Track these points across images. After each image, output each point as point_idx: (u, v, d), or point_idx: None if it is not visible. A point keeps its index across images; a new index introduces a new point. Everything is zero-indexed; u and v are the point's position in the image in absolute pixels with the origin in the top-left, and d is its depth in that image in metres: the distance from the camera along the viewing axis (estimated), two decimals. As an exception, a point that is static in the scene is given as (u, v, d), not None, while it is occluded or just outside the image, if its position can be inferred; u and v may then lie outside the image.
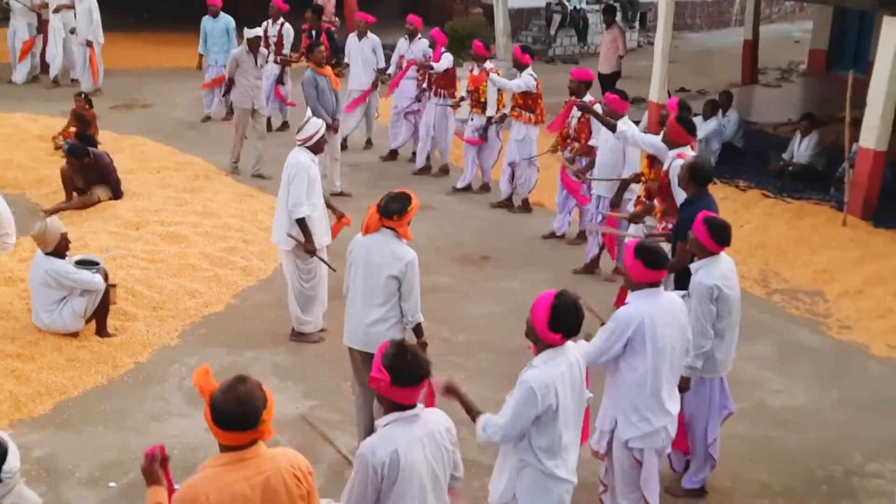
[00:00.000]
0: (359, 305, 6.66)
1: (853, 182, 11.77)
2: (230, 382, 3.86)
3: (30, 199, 11.93)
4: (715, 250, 6.35)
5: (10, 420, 7.20)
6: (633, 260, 5.61)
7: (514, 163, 12.19)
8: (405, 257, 6.52)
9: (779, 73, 21.15)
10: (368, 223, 6.56)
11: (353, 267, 6.68)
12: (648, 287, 5.65)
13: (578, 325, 4.94)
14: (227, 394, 3.80)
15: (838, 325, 9.56)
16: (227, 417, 3.78)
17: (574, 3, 22.70)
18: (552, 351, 4.94)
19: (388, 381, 4.25)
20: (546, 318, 4.87)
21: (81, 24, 16.98)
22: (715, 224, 6.34)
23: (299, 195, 8.19)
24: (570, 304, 4.91)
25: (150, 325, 8.76)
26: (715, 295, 6.27)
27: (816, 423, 7.83)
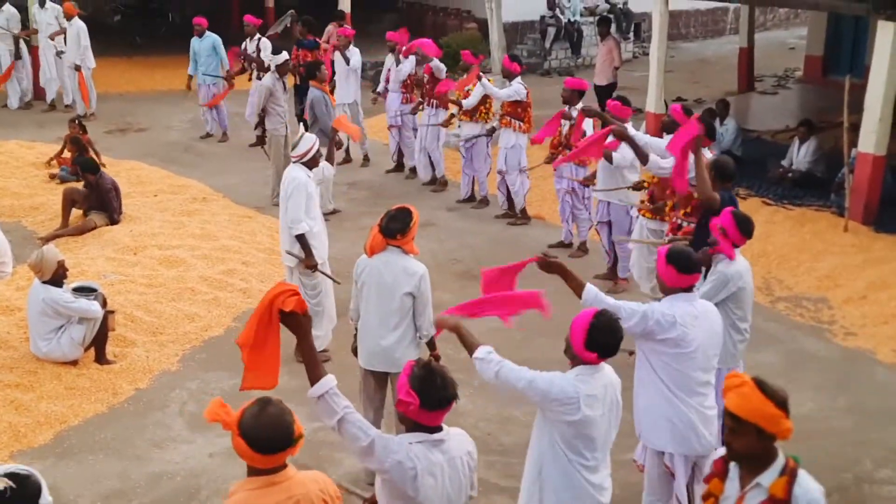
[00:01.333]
0: (375, 327, 6.65)
1: (853, 187, 11.72)
2: (258, 407, 3.85)
3: (26, 227, 11.88)
4: (740, 242, 6.47)
5: (10, 451, 7.12)
6: (666, 266, 5.67)
7: (504, 171, 12.19)
8: (417, 271, 6.57)
9: (775, 81, 21.11)
10: (373, 244, 6.54)
11: (364, 289, 6.66)
12: (682, 292, 5.69)
13: (616, 346, 4.91)
14: (260, 418, 3.81)
15: (843, 331, 9.49)
16: (266, 442, 3.79)
17: (568, 16, 22.69)
18: (587, 368, 4.90)
19: (418, 405, 4.18)
20: (583, 338, 4.84)
21: (70, 48, 16.97)
22: (740, 216, 6.49)
23: (297, 211, 8.18)
24: (608, 324, 4.88)
25: (149, 351, 8.69)
26: (731, 286, 6.39)
27: (825, 431, 7.75)
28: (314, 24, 15.38)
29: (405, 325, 6.63)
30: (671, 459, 5.81)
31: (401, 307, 6.56)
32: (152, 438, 7.43)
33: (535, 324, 9.34)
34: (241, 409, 3.87)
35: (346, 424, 4.23)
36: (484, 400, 7.94)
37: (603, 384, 4.91)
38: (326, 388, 4.26)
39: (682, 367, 5.60)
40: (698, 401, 5.71)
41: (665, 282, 5.74)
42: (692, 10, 26.88)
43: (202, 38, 15.91)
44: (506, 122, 12.04)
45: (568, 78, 11.47)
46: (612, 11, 23.14)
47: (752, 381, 4.08)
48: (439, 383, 4.19)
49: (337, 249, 11.04)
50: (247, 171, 14.44)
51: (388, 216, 6.52)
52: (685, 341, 5.55)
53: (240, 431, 3.80)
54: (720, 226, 6.47)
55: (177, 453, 7.26)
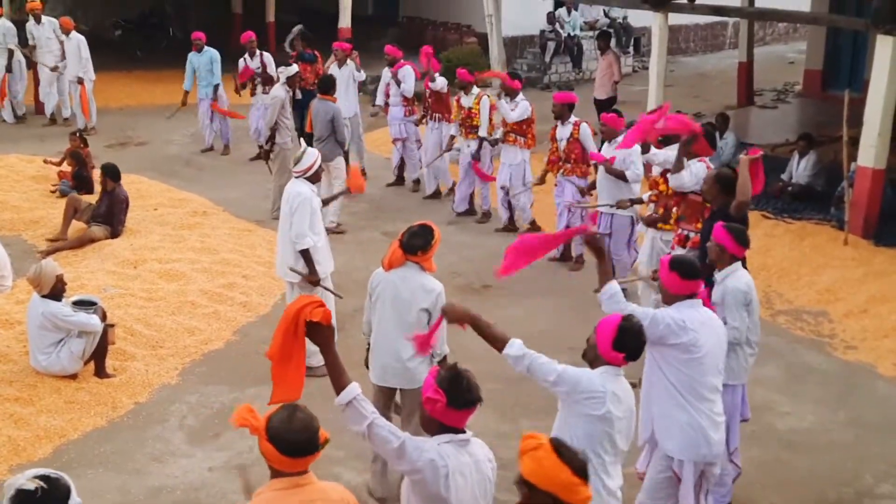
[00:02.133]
0: (389, 343, 6.62)
1: (853, 201, 11.72)
2: (288, 412, 3.99)
3: (26, 241, 11.86)
4: (739, 253, 6.52)
5: (9, 465, 7.10)
6: (669, 273, 5.71)
7: (507, 186, 12.21)
8: (435, 289, 6.58)
9: (774, 95, 21.16)
10: (392, 259, 6.53)
11: (378, 303, 6.64)
12: (687, 299, 5.72)
13: (640, 350, 5.05)
14: (291, 423, 3.95)
15: (844, 345, 9.49)
16: (297, 445, 3.93)
17: (568, 30, 22.75)
18: (611, 368, 4.97)
19: (444, 403, 4.22)
20: (611, 338, 4.93)
21: (71, 62, 17.00)
22: (734, 228, 6.52)
23: (303, 226, 8.18)
24: (636, 328, 5.01)
25: (149, 365, 8.67)
26: (748, 300, 6.43)
27: (826, 444, 7.75)
28: (312, 37, 15.38)
29: None
30: (680, 466, 5.83)
31: (416, 323, 6.53)
32: (152, 452, 7.41)
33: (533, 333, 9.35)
34: (267, 414, 4.00)
35: (375, 428, 4.28)
36: (483, 414, 7.89)
37: (624, 388, 5.00)
38: (354, 395, 4.34)
39: (692, 373, 5.66)
40: (708, 406, 5.75)
41: (669, 289, 5.78)
42: (692, 25, 26.95)
43: (201, 52, 15.93)
44: (511, 140, 12.04)
45: (556, 93, 11.54)
46: (612, 26, 23.19)
47: (548, 444, 3.88)
48: (465, 385, 4.26)
49: (337, 263, 11.01)
50: (247, 185, 14.46)
51: (410, 232, 6.52)
52: (696, 346, 5.60)
53: (268, 436, 3.93)
54: (716, 243, 6.48)
55: (176, 467, 7.24)
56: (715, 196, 7.66)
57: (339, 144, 12.47)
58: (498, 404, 8.03)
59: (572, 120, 10.98)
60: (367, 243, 12.05)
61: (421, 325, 6.55)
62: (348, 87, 14.38)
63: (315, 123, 12.40)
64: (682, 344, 5.59)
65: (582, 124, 11.01)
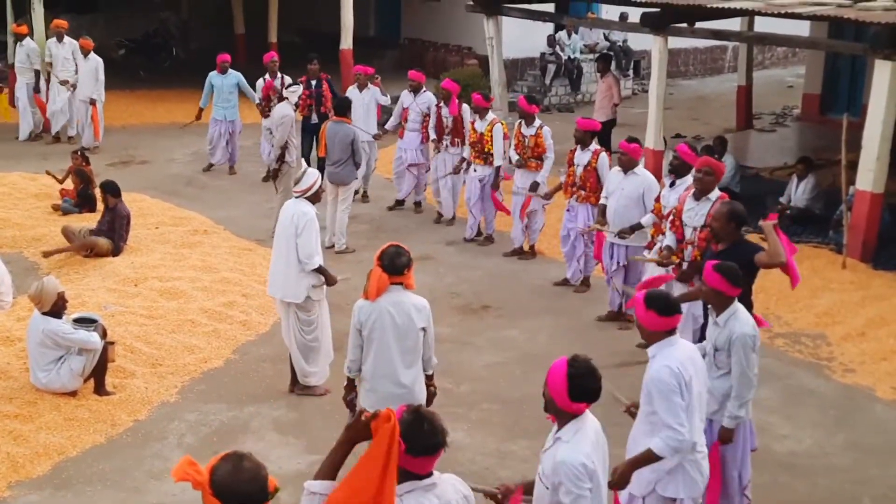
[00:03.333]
0: (393, 371, 6.53)
1: (851, 225, 11.77)
2: (233, 463, 3.66)
3: (27, 258, 11.90)
4: (733, 293, 6.30)
5: (7, 481, 7.11)
6: (646, 311, 5.50)
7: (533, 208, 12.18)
8: (425, 305, 6.55)
9: (773, 118, 21.26)
10: (379, 287, 6.37)
11: (374, 335, 6.48)
12: (665, 336, 5.55)
13: (598, 389, 4.72)
14: (238, 474, 3.63)
15: (842, 368, 9.49)
16: (245, 498, 3.62)
17: (568, 53, 22.87)
18: (578, 421, 4.73)
19: (403, 450, 3.97)
20: (565, 390, 4.65)
21: (86, 82, 17.10)
22: (726, 268, 6.30)
23: (310, 246, 8.19)
24: (586, 368, 4.69)
25: (148, 382, 8.69)
26: (755, 342, 6.26)
27: (824, 468, 7.75)
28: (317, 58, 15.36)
29: (419, 361, 6.60)
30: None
31: (416, 344, 6.51)
32: (150, 470, 7.42)
33: (531, 354, 9.39)
34: (209, 466, 3.67)
35: None
36: (482, 434, 7.94)
37: (594, 430, 4.79)
38: (324, 492, 4.08)
39: (690, 414, 5.49)
40: (700, 443, 5.69)
41: (647, 327, 5.56)
42: (691, 49, 27.09)
43: (225, 74, 15.96)
44: (532, 166, 11.86)
45: (580, 118, 11.37)
46: (612, 49, 23.32)
47: None
48: (427, 429, 4.01)
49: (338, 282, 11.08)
50: (248, 204, 14.51)
51: (391, 254, 6.38)
52: (689, 388, 5.46)
53: (213, 491, 3.60)
54: (711, 289, 6.30)
55: (174, 486, 7.22)
56: (729, 234, 7.47)
57: (356, 166, 12.53)
58: (497, 425, 8.05)
59: (592, 147, 10.79)
60: (366, 263, 11.95)
61: (419, 345, 6.53)
62: (369, 111, 14.38)
63: (332, 146, 12.31)
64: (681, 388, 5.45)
65: (601, 154, 10.78)
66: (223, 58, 16.03)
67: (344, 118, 12.46)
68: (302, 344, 8.51)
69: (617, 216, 10.00)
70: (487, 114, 12.58)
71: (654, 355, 5.56)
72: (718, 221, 7.50)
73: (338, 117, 12.47)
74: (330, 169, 12.37)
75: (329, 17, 21.87)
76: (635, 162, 9.96)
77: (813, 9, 12.23)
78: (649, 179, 9.96)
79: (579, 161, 10.90)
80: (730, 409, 6.25)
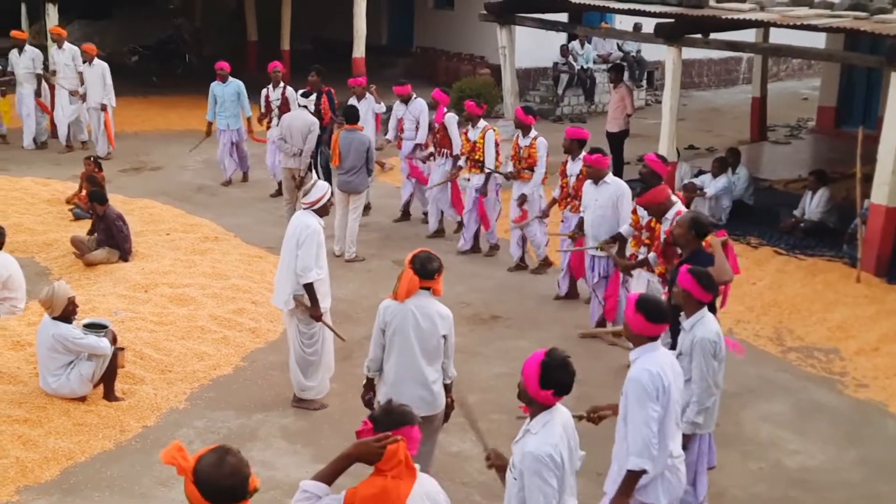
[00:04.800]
0: (417, 372, 6.54)
1: (866, 238, 11.71)
2: (217, 455, 3.73)
3: (39, 263, 11.93)
4: (704, 299, 6.38)
5: (16, 486, 7.10)
6: (635, 313, 5.56)
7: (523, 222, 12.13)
8: (449, 314, 6.62)
9: (787, 131, 21.20)
10: (409, 288, 6.45)
11: (397, 336, 6.54)
12: (648, 341, 5.61)
13: (570, 383, 4.85)
14: (220, 467, 3.69)
15: (855, 383, 9.42)
16: (223, 491, 3.67)
17: (581, 63, 22.86)
18: (546, 413, 4.87)
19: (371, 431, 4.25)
20: (537, 376, 4.80)
21: (94, 89, 17.12)
22: (700, 272, 6.39)
23: (309, 259, 8.09)
24: (560, 360, 4.84)
25: (158, 389, 8.68)
26: (717, 350, 6.30)
27: (835, 483, 7.68)
28: (324, 71, 15.25)
29: (440, 363, 6.65)
30: None
31: (437, 349, 6.56)
32: (158, 477, 7.39)
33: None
34: (196, 455, 3.76)
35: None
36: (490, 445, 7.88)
37: (562, 425, 4.89)
38: (317, 493, 4.28)
39: (667, 420, 5.55)
40: (676, 448, 5.73)
41: (632, 329, 5.61)
42: (705, 60, 27.06)
43: (226, 83, 15.74)
44: (525, 177, 11.87)
45: (568, 128, 11.39)
46: (626, 59, 23.31)
47: None
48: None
49: (346, 291, 11.08)
50: (258, 212, 14.52)
51: (422, 258, 6.47)
52: (667, 393, 5.50)
53: (194, 478, 3.68)
54: (682, 289, 6.36)
55: (182, 492, 7.18)
56: (688, 241, 7.53)
57: (368, 174, 12.53)
58: (505, 436, 7.95)
59: (582, 156, 10.85)
60: (376, 271, 12.07)
61: (439, 351, 6.57)
62: (366, 119, 14.41)
63: (346, 154, 12.28)
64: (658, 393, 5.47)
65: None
66: (221, 65, 15.73)
67: (355, 126, 12.46)
68: (301, 357, 8.46)
69: (593, 227, 10.00)
70: (480, 121, 12.55)
71: (635, 359, 5.64)
72: (680, 228, 7.62)
73: (350, 125, 12.46)
74: (342, 177, 12.34)
75: (342, 25, 21.90)
76: (604, 172, 9.90)
77: (828, 21, 12.19)
78: (622, 187, 9.92)
79: (571, 171, 10.91)
80: (687, 415, 6.27)
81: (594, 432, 6.18)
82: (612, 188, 9.88)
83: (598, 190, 9.95)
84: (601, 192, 9.91)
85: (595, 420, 6.03)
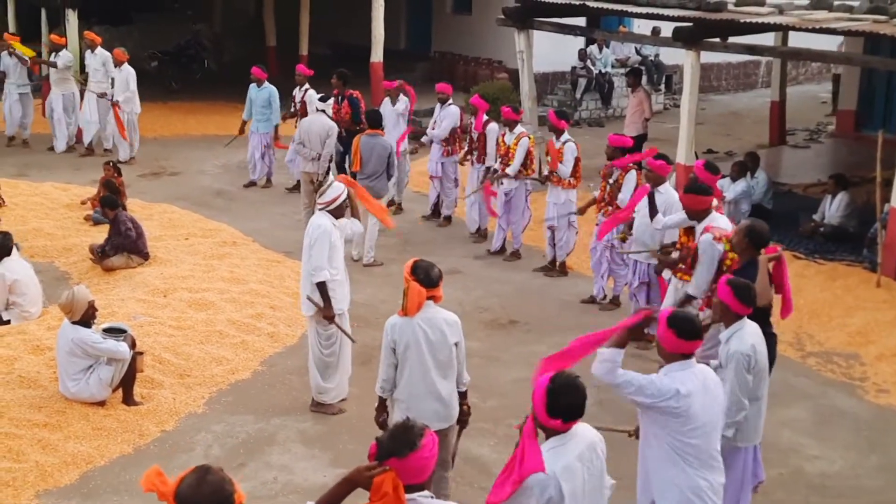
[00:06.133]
0: (432, 387, 6.48)
1: (886, 243, 11.62)
2: (196, 476, 3.71)
3: (58, 268, 11.99)
4: (742, 312, 6.22)
5: (35, 490, 7.14)
6: (666, 329, 5.36)
7: (554, 226, 12.14)
8: (456, 320, 6.56)
9: (807, 134, 21.09)
10: (419, 301, 6.35)
11: (410, 352, 6.46)
12: (682, 359, 5.39)
13: (581, 405, 4.73)
14: (200, 487, 3.67)
15: (875, 388, 9.36)
16: None
17: (599, 67, 22.81)
18: (558, 438, 4.75)
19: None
20: (543, 405, 4.68)
21: (118, 93, 17.21)
22: (739, 284, 6.23)
23: (321, 259, 8.13)
24: (567, 384, 4.70)
25: (176, 393, 8.71)
26: (752, 363, 6.14)
27: (855, 489, 7.63)
28: (350, 76, 15.27)
29: (454, 374, 6.58)
30: None
31: (450, 359, 6.50)
32: (177, 481, 7.41)
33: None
34: (178, 478, 3.73)
35: None
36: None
37: (577, 453, 4.74)
38: None
39: (690, 439, 5.33)
40: (705, 472, 5.44)
41: (664, 347, 5.42)
42: (724, 63, 26.95)
43: (260, 87, 16.02)
44: (556, 180, 11.93)
45: (612, 135, 11.27)
46: (644, 63, 23.25)
47: None
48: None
49: (364, 295, 11.08)
50: (277, 216, 14.56)
51: (425, 267, 6.39)
52: (688, 413, 5.27)
53: (176, 502, 3.66)
54: (719, 301, 6.25)
55: (201, 497, 7.23)
56: (743, 249, 7.43)
57: (388, 178, 12.56)
58: (523, 441, 7.97)
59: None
60: (395, 276, 12.05)
61: (453, 360, 6.51)
62: (398, 122, 14.49)
63: (367, 159, 12.28)
64: (673, 411, 5.25)
65: (630, 171, 10.72)
66: (254, 72, 16.00)
67: (377, 130, 12.48)
68: (319, 359, 8.48)
69: (639, 232, 10.00)
70: (517, 126, 12.58)
71: (664, 375, 5.42)
72: (737, 234, 7.56)
73: (372, 130, 12.48)
74: (364, 182, 12.32)
75: (360, 30, 21.94)
76: (662, 179, 9.79)
77: (848, 24, 12.12)
78: (673, 197, 9.80)
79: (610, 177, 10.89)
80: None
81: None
82: (664, 197, 9.73)
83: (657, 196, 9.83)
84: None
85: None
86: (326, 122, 13.23)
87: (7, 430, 7.73)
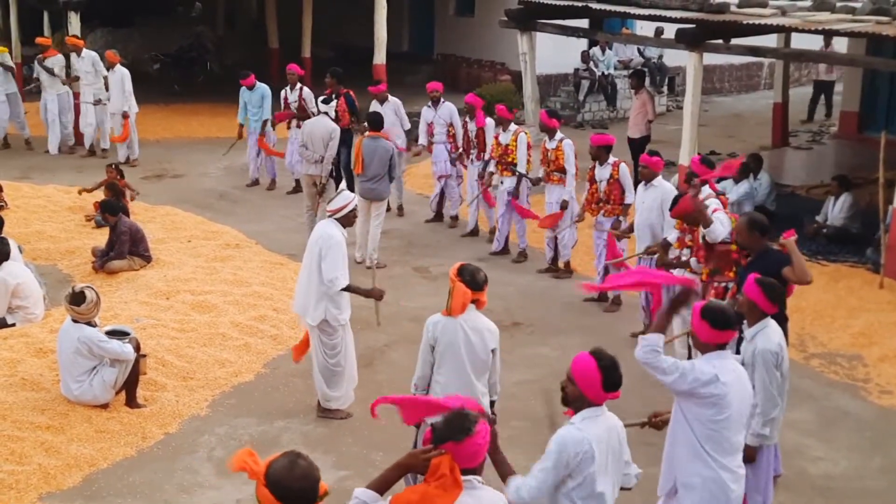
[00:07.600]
0: (468, 389, 6.47)
1: (889, 244, 11.60)
2: (289, 459, 3.87)
3: (61, 270, 12.00)
4: (770, 310, 6.32)
5: (38, 493, 7.14)
6: (700, 321, 5.55)
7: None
8: (496, 329, 6.61)
9: (810, 136, 21.07)
10: (464, 302, 6.40)
11: (448, 352, 6.49)
12: (717, 349, 5.57)
13: (621, 378, 4.97)
14: (292, 470, 3.82)
15: (879, 389, 9.35)
16: (296, 494, 3.79)
17: (602, 69, 22.80)
18: (591, 410, 4.95)
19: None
20: (599, 381, 4.88)
21: (115, 96, 17.24)
22: (768, 283, 6.33)
23: (335, 270, 8.07)
24: (613, 360, 4.95)
25: (179, 395, 8.71)
26: (780, 360, 6.24)
27: (859, 491, 7.62)
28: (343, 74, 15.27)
29: (486, 380, 6.65)
30: None
31: (485, 363, 6.55)
32: (180, 483, 7.42)
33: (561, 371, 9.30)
34: (268, 460, 3.87)
35: None
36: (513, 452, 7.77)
37: (606, 426, 4.97)
38: (368, 501, 4.31)
39: (719, 429, 5.46)
40: (731, 460, 5.58)
41: (699, 337, 5.60)
42: (727, 65, 26.94)
43: (252, 89, 16.07)
44: (555, 179, 12.00)
45: (593, 135, 11.45)
46: (647, 65, 23.23)
47: None
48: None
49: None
50: (280, 218, 14.56)
51: (471, 270, 6.42)
52: (725, 401, 5.40)
53: (266, 482, 3.80)
54: (747, 298, 6.32)
55: (204, 499, 7.24)
56: (753, 243, 7.50)
57: (390, 181, 12.55)
58: (526, 443, 7.97)
59: (611, 160, 10.93)
60: (397, 278, 12.07)
61: (487, 365, 6.56)
62: (395, 123, 14.52)
63: (370, 161, 12.25)
64: (711, 397, 5.39)
65: (621, 164, 10.92)
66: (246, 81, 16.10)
67: (379, 133, 12.47)
68: (324, 367, 8.45)
69: (639, 228, 10.18)
70: (510, 125, 12.67)
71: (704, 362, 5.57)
72: (741, 235, 7.64)
73: (373, 132, 12.47)
74: (366, 185, 12.34)
75: (363, 32, 21.93)
76: (655, 174, 10.07)
77: (850, 25, 12.11)
78: (667, 190, 9.99)
79: (600, 177, 11.04)
80: (753, 427, 6.20)
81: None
82: (659, 191, 10.01)
83: (646, 192, 10.16)
84: (648, 194, 10.11)
85: (658, 425, 5.97)
86: (329, 125, 13.24)
87: (10, 432, 7.73)
